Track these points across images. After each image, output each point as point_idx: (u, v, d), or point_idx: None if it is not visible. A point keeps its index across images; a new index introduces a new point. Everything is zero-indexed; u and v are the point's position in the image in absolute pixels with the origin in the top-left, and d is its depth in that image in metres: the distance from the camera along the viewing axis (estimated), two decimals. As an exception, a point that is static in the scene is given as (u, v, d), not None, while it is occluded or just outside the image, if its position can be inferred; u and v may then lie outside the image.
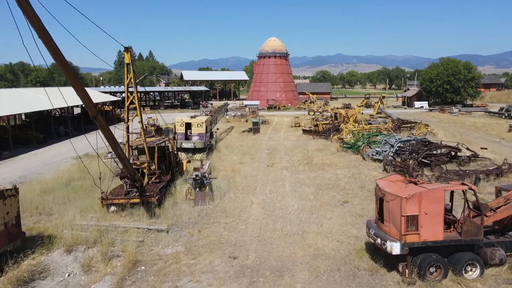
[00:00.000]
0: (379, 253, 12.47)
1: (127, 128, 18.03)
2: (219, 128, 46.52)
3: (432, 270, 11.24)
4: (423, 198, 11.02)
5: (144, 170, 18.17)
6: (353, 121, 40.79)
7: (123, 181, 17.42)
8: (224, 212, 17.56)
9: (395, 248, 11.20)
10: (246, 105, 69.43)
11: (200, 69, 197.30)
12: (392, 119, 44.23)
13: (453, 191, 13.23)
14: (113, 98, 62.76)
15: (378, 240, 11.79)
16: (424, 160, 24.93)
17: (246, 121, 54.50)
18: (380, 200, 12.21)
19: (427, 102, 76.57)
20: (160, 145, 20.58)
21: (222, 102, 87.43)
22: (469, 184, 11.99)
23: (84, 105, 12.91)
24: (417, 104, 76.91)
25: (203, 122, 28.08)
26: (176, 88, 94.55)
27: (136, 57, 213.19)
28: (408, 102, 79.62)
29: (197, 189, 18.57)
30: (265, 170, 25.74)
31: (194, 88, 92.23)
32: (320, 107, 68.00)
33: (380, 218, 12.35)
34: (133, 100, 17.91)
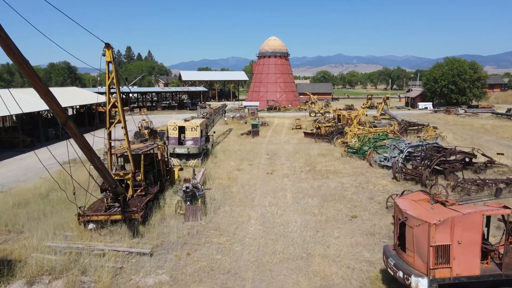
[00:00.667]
0: (400, 287, 10.47)
1: (109, 135, 16.03)
2: (217, 131, 44.54)
3: (467, 312, 9.27)
4: (457, 225, 9.03)
5: (128, 182, 16.18)
6: (357, 124, 38.78)
7: (104, 195, 15.43)
8: (218, 230, 15.55)
9: (422, 285, 9.21)
10: (245, 106, 67.41)
11: (200, 69, 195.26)
12: (399, 122, 42.15)
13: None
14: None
15: (400, 274, 9.79)
16: (437, 167, 22.93)
17: (245, 123, 52.50)
18: (401, 224, 10.21)
19: (431, 103, 74.56)
20: (148, 153, 18.57)
21: (221, 103, 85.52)
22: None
23: (51, 111, 10.92)
24: (421, 105, 74.89)
25: (198, 126, 26.07)
26: (174, 89, 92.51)
27: (135, 57, 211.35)
28: (412, 103, 77.60)
29: (188, 203, 16.58)
30: (265, 178, 23.74)
31: (192, 89, 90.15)
32: (322, 108, 65.98)
33: (401, 245, 10.36)
34: (116, 103, 15.92)
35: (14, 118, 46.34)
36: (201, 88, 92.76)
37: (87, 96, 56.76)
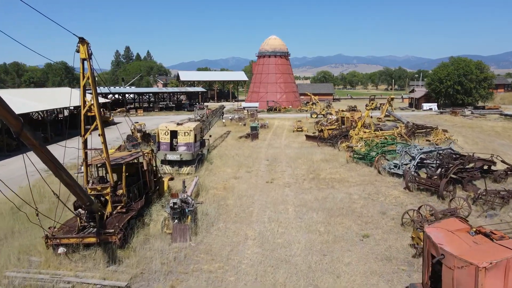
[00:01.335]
0: None
1: (84, 143, 13.91)
2: (214, 133, 42.43)
3: None
4: (513, 269, 6.92)
5: (107, 197, 14.07)
6: (362, 126, 36.66)
7: (77, 213, 13.32)
8: (209, 253, 13.44)
9: None
10: (245, 108, 65.27)
11: (199, 70, 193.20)
12: (406, 125, 39.97)
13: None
14: (101, 100, 58.50)
15: (435, 327, 7.67)
16: (453, 176, 20.81)
17: (244, 125, 50.42)
18: (434, 259, 8.10)
19: (436, 104, 72.42)
20: (132, 162, 16.46)
21: (219, 104, 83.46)
22: None
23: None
24: (426, 106, 72.75)
25: (191, 130, 23.96)
26: (171, 89, 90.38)
27: (134, 57, 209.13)
28: (416, 104, 75.44)
29: (176, 221, 14.48)
30: (264, 188, 21.63)
31: (190, 89, 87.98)
32: (324, 109, 63.86)
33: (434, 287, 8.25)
34: (92, 107, 13.80)
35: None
36: (200, 89, 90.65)
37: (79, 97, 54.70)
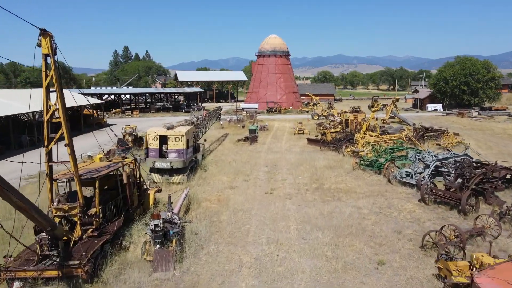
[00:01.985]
0: None
1: (48, 155, 11.70)
2: (211, 136, 40.29)
3: None
4: None
5: (75, 219, 11.88)
6: (366, 129, 34.43)
7: (37, 239, 11.14)
8: (196, 287, 11.25)
9: None
10: (243, 109, 63.05)
11: (198, 70, 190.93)
12: (414, 127, 37.68)
13: None
14: (95, 101, 56.36)
15: None
16: (474, 187, 18.60)
17: (243, 127, 48.21)
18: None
19: (441, 105, 70.17)
20: (109, 174, 14.25)
21: (218, 105, 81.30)
22: None
23: None
24: (430, 107, 70.50)
25: (183, 135, 21.75)
26: (168, 90, 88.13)
27: (133, 57, 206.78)
28: (420, 105, 73.14)
29: (158, 246, 12.29)
30: (263, 200, 19.43)
31: (188, 90, 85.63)
32: (325, 111, 61.63)
33: None
34: (56, 112, 11.62)
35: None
36: (198, 89, 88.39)
37: (72, 98, 52.51)
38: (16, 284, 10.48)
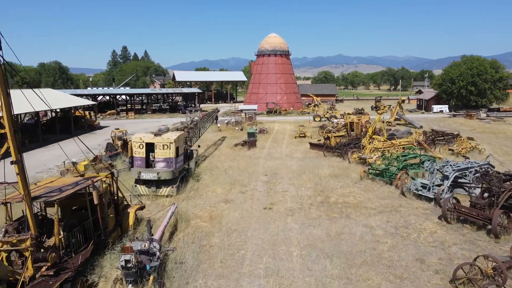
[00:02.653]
0: None
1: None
2: (207, 140, 38.03)
3: None
4: None
5: (26, 254, 9.55)
6: (373, 133, 32.11)
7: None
8: None
9: None
10: (242, 110, 60.73)
11: (197, 70, 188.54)
12: (425, 131, 35.24)
13: None
14: (87, 102, 54.03)
15: None
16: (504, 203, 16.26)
17: (241, 130, 45.91)
18: None
19: (447, 106, 67.82)
20: (78, 193, 11.88)
21: (216, 105, 79.09)
22: None
23: None
24: (436, 108, 68.18)
25: (172, 142, 19.41)
26: (165, 90, 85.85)
27: (131, 57, 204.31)
28: (425, 106, 70.75)
29: (130, 286, 9.97)
30: (261, 218, 17.09)
31: (185, 90, 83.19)
32: (328, 112, 59.29)
33: None
34: (1, 121, 9.31)
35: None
36: (196, 90, 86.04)
37: (62, 99, 50.27)
38: None
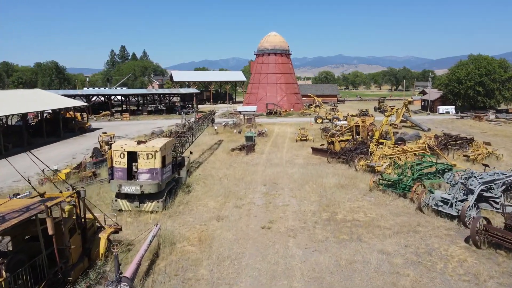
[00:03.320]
0: None
1: None
2: (202, 144, 35.71)
3: None
4: None
5: None
6: (379, 137, 29.76)
7: None
8: None
9: None
10: (241, 112, 58.35)
11: (196, 69, 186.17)
12: (436, 136, 32.68)
13: None
14: (79, 103, 51.67)
15: None
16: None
17: (239, 132, 43.58)
18: None
19: (454, 107, 65.45)
20: (28, 221, 9.51)
21: (214, 106, 76.70)
22: None
23: None
24: (442, 109, 65.81)
25: (157, 151, 17.06)
26: (162, 91, 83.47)
27: (130, 57, 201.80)
28: (431, 107, 68.35)
29: None
30: (258, 239, 14.72)
31: (183, 91, 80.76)
32: (329, 113, 56.91)
33: None
34: None
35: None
36: (193, 90, 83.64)
37: (52, 100, 47.91)
38: None
